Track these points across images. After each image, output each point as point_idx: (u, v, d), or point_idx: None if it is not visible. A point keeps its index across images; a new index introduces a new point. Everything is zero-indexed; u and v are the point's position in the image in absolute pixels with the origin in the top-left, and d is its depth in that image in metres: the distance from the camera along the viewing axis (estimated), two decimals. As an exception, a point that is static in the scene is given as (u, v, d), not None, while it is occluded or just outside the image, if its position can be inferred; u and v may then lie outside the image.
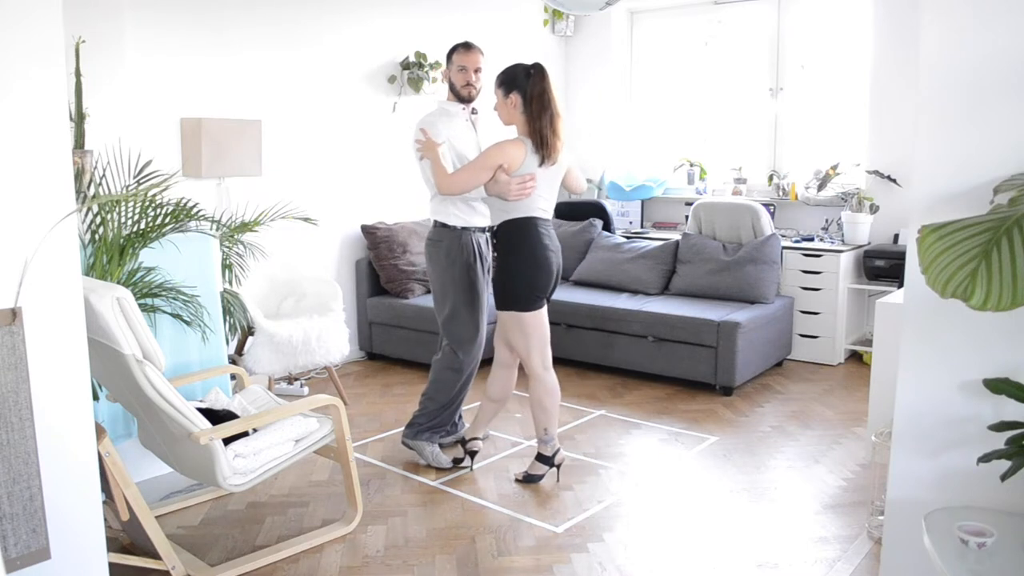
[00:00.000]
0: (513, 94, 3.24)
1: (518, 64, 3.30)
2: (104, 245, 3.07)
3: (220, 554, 2.87)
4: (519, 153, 3.21)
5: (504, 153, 3.20)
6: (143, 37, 4.16)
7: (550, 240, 3.33)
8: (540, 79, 3.22)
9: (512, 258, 3.29)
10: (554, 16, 6.62)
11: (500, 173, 3.20)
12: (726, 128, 6.41)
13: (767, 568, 2.76)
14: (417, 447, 3.66)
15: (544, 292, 3.34)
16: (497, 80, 3.30)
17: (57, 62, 1.89)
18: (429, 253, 3.62)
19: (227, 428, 2.64)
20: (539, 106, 3.20)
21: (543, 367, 3.39)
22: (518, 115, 3.26)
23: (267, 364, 4.11)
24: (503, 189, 3.21)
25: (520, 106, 3.24)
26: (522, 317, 3.32)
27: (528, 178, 3.21)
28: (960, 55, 2.00)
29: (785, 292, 5.33)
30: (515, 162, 3.20)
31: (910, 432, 2.17)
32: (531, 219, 3.27)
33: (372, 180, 5.40)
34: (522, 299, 3.30)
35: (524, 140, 3.24)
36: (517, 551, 2.89)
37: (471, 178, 3.24)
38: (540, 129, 3.21)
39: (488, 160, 3.21)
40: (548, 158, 3.23)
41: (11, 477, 1.84)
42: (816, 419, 4.25)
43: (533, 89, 3.20)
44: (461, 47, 3.57)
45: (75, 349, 1.98)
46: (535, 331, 3.35)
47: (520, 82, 3.23)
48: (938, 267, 1.66)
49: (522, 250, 3.27)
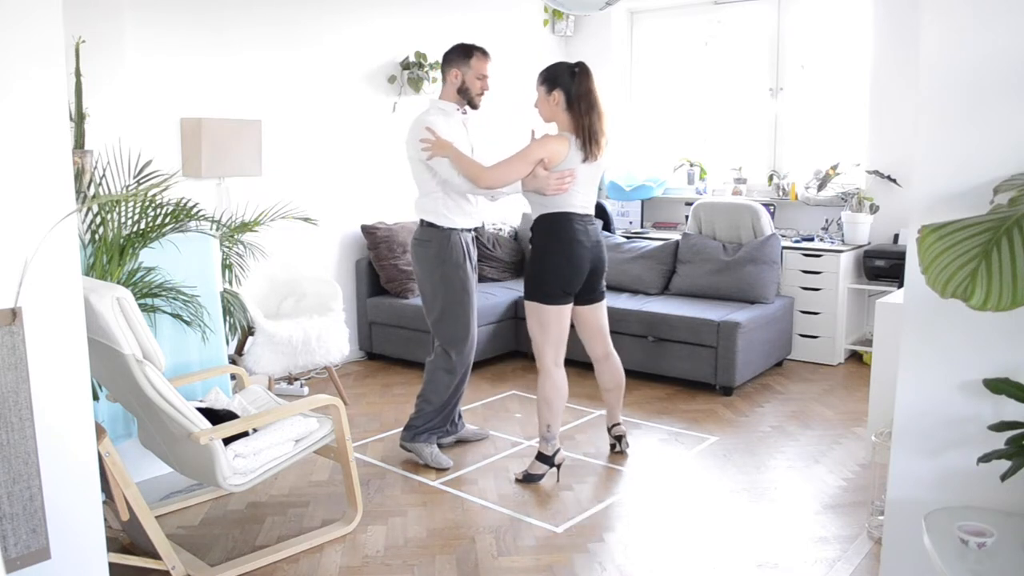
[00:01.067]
0: (556, 91, 3.28)
1: (561, 62, 3.37)
2: (104, 245, 3.07)
3: (220, 554, 2.87)
4: (563, 149, 3.25)
5: (546, 148, 3.25)
6: (143, 37, 4.16)
7: (586, 236, 3.35)
8: (585, 78, 3.27)
9: (545, 250, 3.33)
10: (554, 16, 6.62)
11: (539, 168, 3.24)
12: (726, 128, 6.41)
13: (767, 568, 2.76)
14: (416, 449, 3.65)
15: (572, 288, 3.36)
16: (540, 77, 3.35)
17: (57, 62, 1.89)
18: (416, 253, 3.60)
19: (227, 428, 2.64)
20: (586, 104, 3.25)
21: (555, 363, 3.40)
22: (560, 112, 3.30)
23: (267, 364, 4.11)
24: (541, 184, 3.25)
25: (563, 103, 3.27)
26: (543, 309, 3.33)
27: (567, 174, 3.25)
28: (960, 55, 2.00)
29: (785, 292, 5.33)
30: (557, 157, 3.24)
31: (910, 432, 2.17)
32: (568, 214, 3.31)
33: (372, 180, 5.40)
34: (548, 292, 3.32)
35: (568, 136, 3.28)
36: (517, 551, 2.89)
37: (513, 171, 3.27)
38: (589, 126, 3.25)
39: (531, 154, 3.24)
40: (592, 155, 3.27)
41: (11, 477, 1.84)
42: (816, 419, 4.25)
43: (579, 88, 3.25)
44: (480, 52, 3.53)
45: (75, 349, 1.98)
46: (554, 326, 3.36)
47: (563, 80, 3.27)
48: (938, 267, 1.66)
49: (556, 244, 3.31)
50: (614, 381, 3.72)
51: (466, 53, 3.54)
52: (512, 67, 5.77)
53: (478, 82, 3.52)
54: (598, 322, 3.63)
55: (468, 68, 3.52)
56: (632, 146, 6.84)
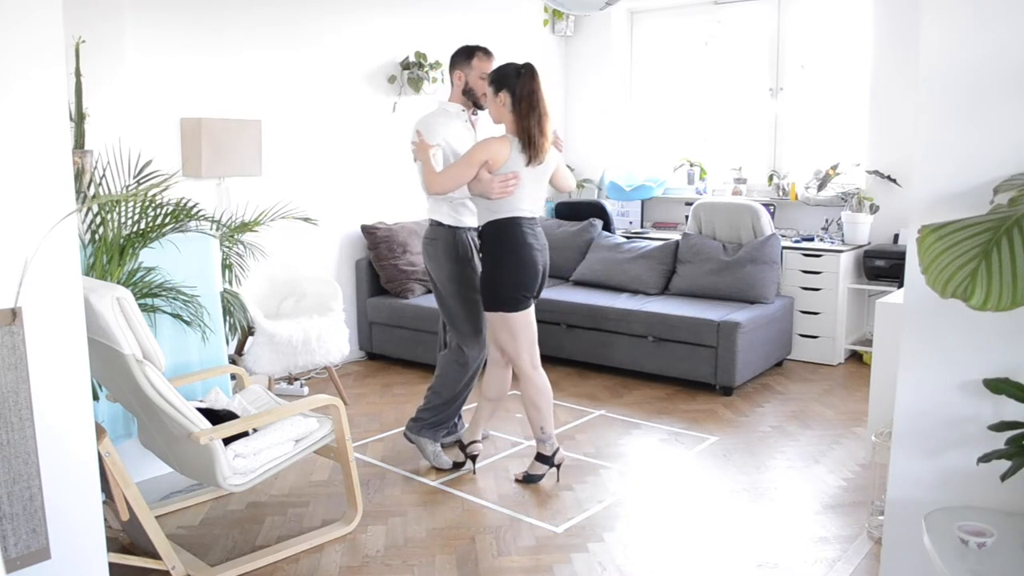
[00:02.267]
0: (502, 93, 3.24)
1: (510, 63, 3.30)
2: (104, 245, 3.07)
3: (220, 554, 2.87)
4: (504, 151, 3.21)
5: (488, 150, 3.21)
6: (143, 37, 4.16)
7: (535, 239, 3.33)
8: (530, 79, 3.22)
9: (497, 258, 3.30)
10: (554, 16, 6.62)
11: (483, 172, 3.21)
12: (726, 128, 6.41)
13: (767, 568, 2.76)
14: (419, 443, 3.67)
15: (531, 292, 3.35)
16: (488, 78, 3.32)
17: (57, 62, 1.88)
18: (428, 251, 3.64)
19: (227, 428, 2.64)
20: (528, 106, 3.20)
21: (532, 366, 3.40)
22: (507, 113, 3.26)
23: (267, 364, 4.11)
24: (485, 188, 3.22)
25: (509, 105, 3.24)
26: (509, 317, 3.32)
27: (510, 177, 3.21)
28: (960, 55, 2.00)
29: (785, 292, 5.32)
30: (499, 159, 3.21)
31: (910, 432, 2.17)
32: (515, 219, 3.28)
33: (372, 180, 5.40)
34: (509, 299, 3.30)
35: (511, 138, 3.25)
36: (517, 551, 2.89)
37: (457, 176, 3.25)
38: (528, 128, 3.21)
39: (472, 157, 3.22)
40: (535, 158, 3.24)
41: (11, 477, 1.84)
42: (816, 419, 4.25)
43: (522, 89, 3.21)
44: (482, 52, 3.54)
45: (75, 349, 1.98)
46: (523, 331, 3.35)
47: (510, 81, 3.23)
48: (938, 267, 1.66)
49: (507, 250, 3.28)
50: (499, 392, 3.52)
51: (468, 55, 3.55)
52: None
53: (481, 82, 3.52)
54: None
55: (471, 69, 3.54)
56: (632, 146, 6.84)
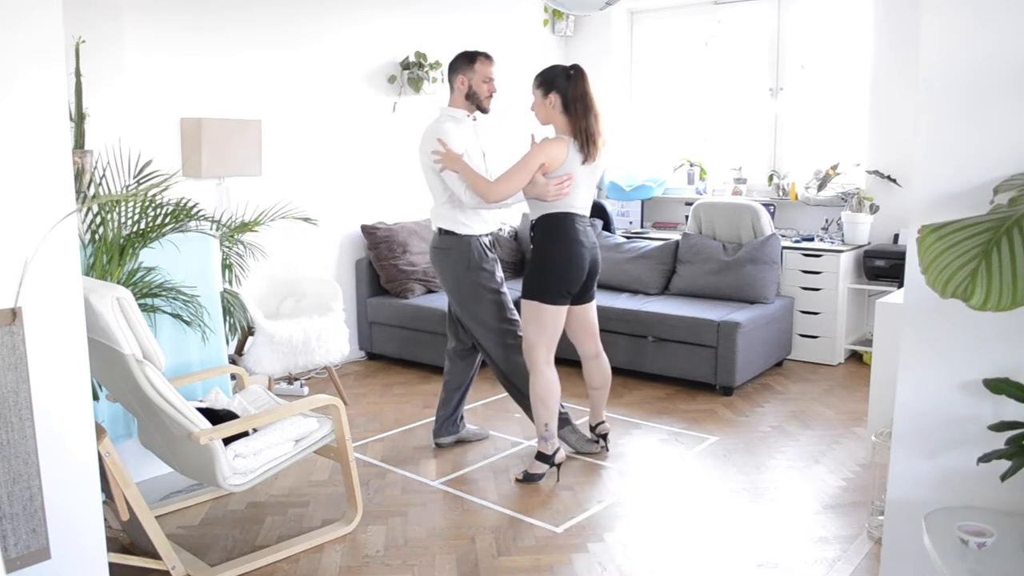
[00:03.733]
0: (552, 95, 3.29)
1: (556, 65, 3.39)
2: (104, 245, 3.07)
3: (220, 554, 2.87)
4: (561, 152, 3.26)
5: (546, 152, 3.26)
6: (143, 37, 4.16)
7: (586, 237, 3.37)
8: (581, 80, 3.29)
9: (547, 250, 3.34)
10: (554, 16, 6.62)
11: (538, 175, 3.25)
12: (726, 128, 6.41)
13: (767, 568, 2.76)
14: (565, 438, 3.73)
15: (573, 288, 3.38)
16: (536, 80, 3.36)
17: (57, 62, 1.89)
18: (439, 261, 3.62)
19: (227, 428, 2.64)
20: (583, 107, 3.26)
21: (546, 362, 3.41)
22: (557, 115, 3.31)
23: (267, 364, 4.11)
24: (541, 191, 3.27)
25: (560, 106, 3.29)
26: (543, 309, 3.34)
27: (565, 179, 3.26)
28: (960, 55, 2.00)
29: (785, 292, 5.33)
30: (556, 161, 3.25)
31: (910, 432, 2.17)
32: (569, 214, 3.33)
33: (372, 180, 5.40)
34: (549, 291, 3.34)
35: (566, 139, 3.29)
36: (517, 551, 2.89)
37: (517, 181, 3.28)
38: (586, 128, 3.27)
39: (531, 161, 3.26)
40: (591, 156, 3.29)
41: (11, 477, 1.84)
42: (816, 419, 4.25)
43: (575, 90, 3.27)
44: (483, 57, 3.55)
45: (75, 349, 1.98)
46: (550, 326, 3.38)
47: (560, 83, 3.28)
48: (938, 267, 1.66)
49: (557, 243, 3.33)
50: (602, 380, 3.75)
51: (470, 59, 3.56)
52: (512, 68, 5.77)
53: (485, 86, 3.54)
54: (590, 321, 3.67)
55: (473, 73, 3.55)
56: (632, 146, 6.83)
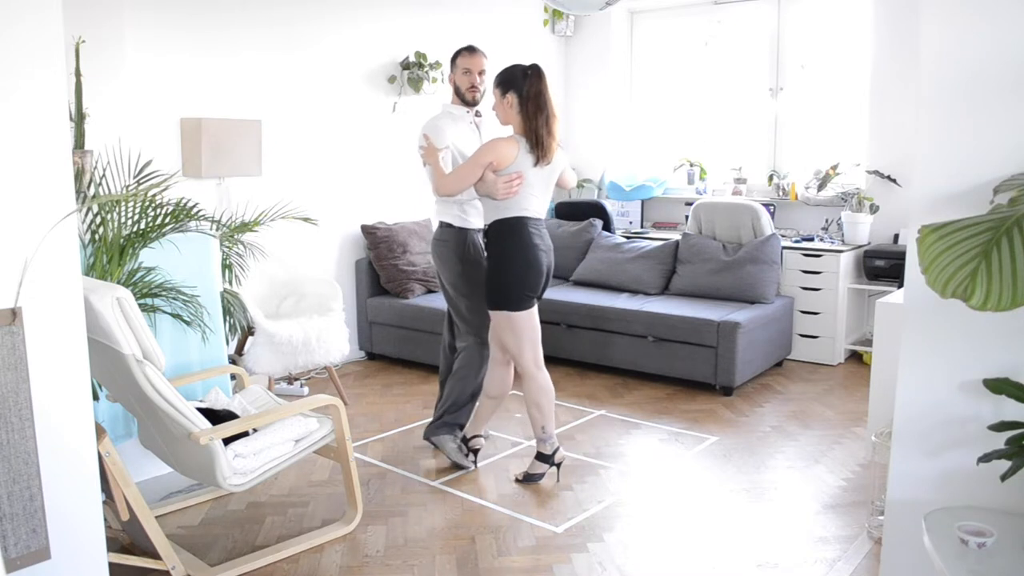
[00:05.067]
0: (510, 94, 3.26)
1: (516, 65, 3.33)
2: (104, 245, 3.07)
3: (220, 554, 2.87)
4: (511, 151, 3.24)
5: (494, 151, 3.24)
6: (143, 37, 4.16)
7: (541, 239, 3.35)
8: (537, 80, 3.25)
9: (503, 257, 3.31)
10: (554, 16, 6.62)
11: (487, 172, 3.23)
12: (726, 128, 6.40)
13: (767, 568, 2.76)
14: (440, 442, 3.69)
15: (535, 291, 3.36)
16: (495, 80, 3.33)
17: (57, 62, 1.88)
18: (439, 252, 3.64)
19: (227, 428, 2.64)
20: (535, 107, 3.23)
21: (535, 366, 3.40)
22: (514, 115, 3.29)
23: (267, 364, 4.11)
24: (490, 188, 3.24)
25: (516, 106, 3.26)
26: (513, 316, 3.33)
27: (514, 177, 3.23)
28: (960, 55, 2.00)
29: (785, 292, 5.32)
30: (505, 160, 3.23)
31: (910, 432, 2.17)
32: (521, 219, 3.30)
33: (372, 180, 5.40)
34: (513, 299, 3.31)
35: (518, 139, 3.27)
36: (517, 551, 2.89)
37: (464, 177, 3.28)
38: (536, 129, 3.24)
39: (478, 159, 3.25)
40: (543, 158, 3.26)
41: (11, 477, 1.84)
42: (816, 419, 4.25)
43: (530, 90, 3.24)
44: (465, 50, 3.60)
45: (75, 349, 1.98)
46: (526, 330, 3.36)
47: (517, 82, 3.26)
48: (938, 267, 1.66)
49: (513, 249, 3.30)
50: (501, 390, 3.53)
51: (454, 55, 3.63)
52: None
53: (464, 78, 3.57)
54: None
55: (455, 67, 3.61)
56: (632, 146, 6.84)
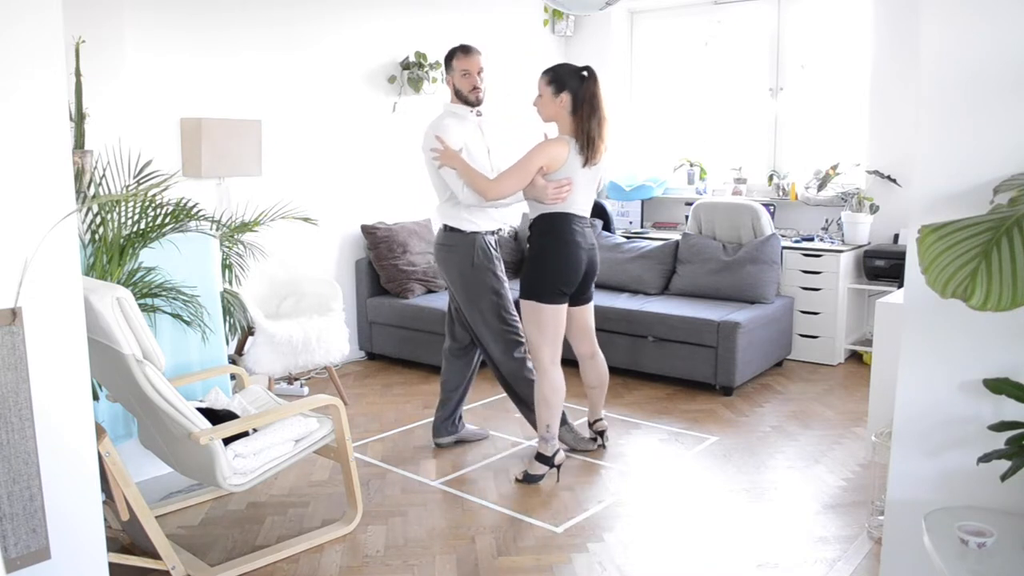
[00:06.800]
0: (564, 94, 3.26)
1: (567, 64, 3.37)
2: (104, 245, 3.07)
3: (220, 554, 2.87)
4: (562, 153, 3.24)
5: (546, 154, 3.24)
6: (143, 37, 4.16)
7: (583, 238, 3.36)
8: (593, 83, 3.26)
9: (544, 250, 3.33)
10: (554, 16, 6.62)
11: (537, 177, 3.23)
12: (726, 128, 6.41)
13: (767, 568, 2.76)
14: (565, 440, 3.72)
15: (569, 288, 3.37)
16: (546, 77, 3.31)
17: (57, 62, 1.88)
18: (443, 258, 3.60)
19: (227, 428, 2.64)
20: (590, 109, 3.24)
21: (551, 362, 3.40)
22: (565, 114, 3.28)
23: (267, 364, 4.10)
24: (539, 193, 3.26)
25: (569, 106, 3.26)
26: (541, 308, 3.34)
27: (565, 183, 3.25)
28: (960, 55, 2.00)
29: (785, 292, 5.33)
30: (557, 162, 3.24)
31: (910, 432, 2.17)
32: (567, 215, 3.31)
33: (372, 180, 5.40)
34: (546, 291, 3.33)
35: (568, 140, 3.27)
36: (517, 551, 2.89)
37: (516, 180, 3.27)
38: (588, 131, 3.24)
39: (531, 162, 3.24)
40: (591, 159, 3.27)
41: (11, 477, 1.84)
42: (816, 419, 4.25)
43: (586, 92, 3.24)
44: (459, 51, 3.55)
45: (75, 349, 1.98)
46: (551, 326, 3.37)
47: (572, 83, 3.25)
48: (938, 267, 1.66)
49: (554, 243, 3.32)
50: (599, 379, 3.77)
51: (449, 56, 3.59)
52: (512, 67, 5.78)
53: (464, 80, 3.53)
54: (586, 322, 3.67)
55: (452, 69, 3.56)
56: (632, 146, 6.83)
